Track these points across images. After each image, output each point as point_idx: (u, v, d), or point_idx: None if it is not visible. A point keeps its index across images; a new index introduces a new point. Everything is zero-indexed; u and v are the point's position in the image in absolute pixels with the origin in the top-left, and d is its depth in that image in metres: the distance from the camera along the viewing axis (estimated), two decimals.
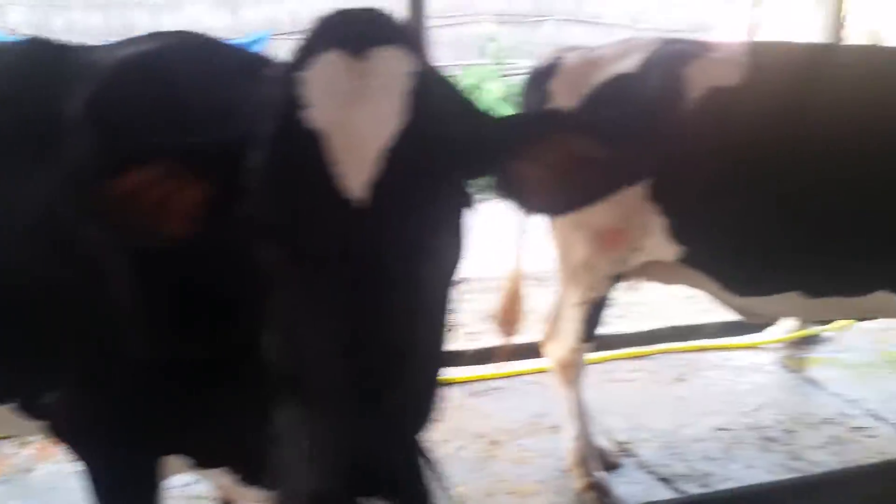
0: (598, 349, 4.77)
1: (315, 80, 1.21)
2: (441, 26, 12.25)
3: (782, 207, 2.71)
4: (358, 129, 1.17)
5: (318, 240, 1.16)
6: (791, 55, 3.06)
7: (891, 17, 16.19)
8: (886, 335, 5.03)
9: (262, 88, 1.28)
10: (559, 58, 3.16)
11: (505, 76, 11.18)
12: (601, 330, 5.11)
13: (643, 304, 6.20)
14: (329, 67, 1.21)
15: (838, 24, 4.77)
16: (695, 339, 5.12)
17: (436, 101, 1.26)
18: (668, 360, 4.83)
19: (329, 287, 1.14)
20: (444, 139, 1.23)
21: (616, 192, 1.42)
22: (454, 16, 12.60)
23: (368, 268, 1.13)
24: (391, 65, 1.23)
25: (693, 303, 4.94)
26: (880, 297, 2.77)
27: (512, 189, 1.41)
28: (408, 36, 1.33)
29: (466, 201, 1.30)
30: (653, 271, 3.23)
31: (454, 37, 12.49)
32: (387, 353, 1.13)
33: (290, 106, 1.19)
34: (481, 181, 1.36)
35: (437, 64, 1.37)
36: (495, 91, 10.77)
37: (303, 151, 1.17)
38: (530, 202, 1.43)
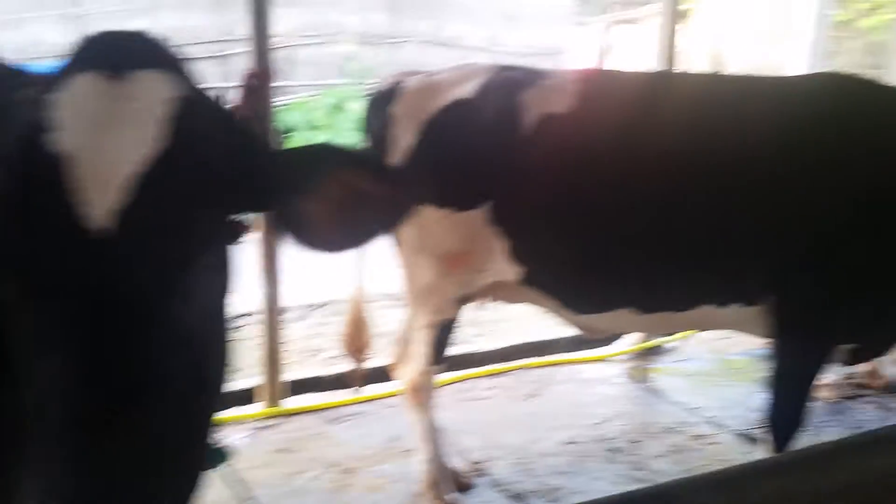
0: (455, 368, 4.84)
1: (65, 102, 1.13)
2: (300, 45, 12.15)
3: (611, 228, 2.83)
4: (105, 154, 1.10)
5: (53, 272, 1.07)
6: (622, 82, 3.20)
7: (731, 42, 17.32)
8: (725, 344, 5.31)
9: (15, 110, 1.19)
10: (399, 82, 3.18)
11: (366, 97, 11.15)
12: (460, 349, 5.22)
13: (503, 321, 6.34)
14: (82, 89, 1.14)
15: (672, 50, 5.04)
16: (549, 354, 5.25)
17: (200, 129, 1.19)
18: (524, 375, 4.93)
19: (64, 322, 1.05)
20: (205, 169, 1.17)
21: (394, 227, 1.41)
22: (313, 35, 12.52)
23: (108, 302, 1.05)
24: (150, 89, 1.16)
25: (550, 318, 5.08)
26: (706, 310, 2.93)
27: (290, 225, 1.36)
28: (173, 60, 1.27)
29: (233, 235, 1.25)
30: (498, 292, 3.28)
31: (313, 56, 12.41)
32: (123, 394, 1.05)
33: (35, 128, 1.11)
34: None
35: (209, 91, 1.32)
36: (356, 111, 10.75)
37: (42, 176, 1.08)
38: (309, 239, 1.39)
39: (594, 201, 2.84)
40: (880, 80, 2.90)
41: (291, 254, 1.51)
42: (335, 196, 1.34)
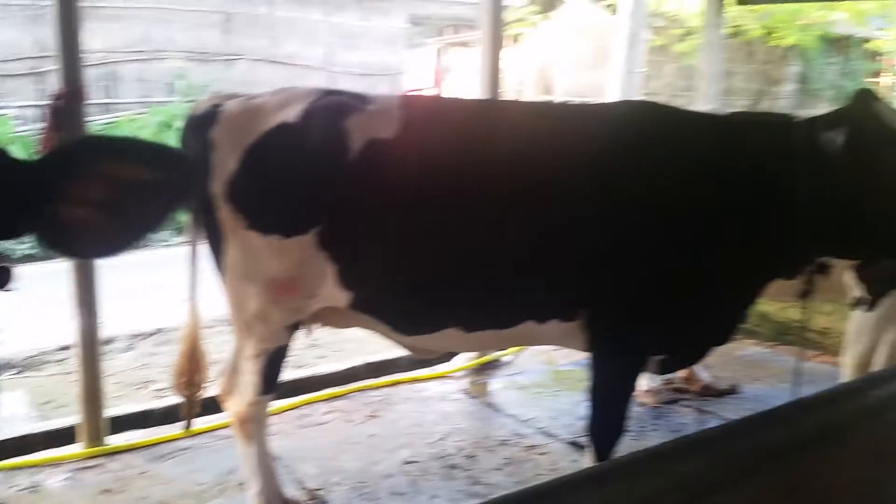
0: (293, 393, 4.75)
1: None
2: (126, 61, 11.62)
3: (433, 251, 2.88)
4: None
5: None
6: (446, 108, 3.27)
7: (558, 66, 18.09)
8: (556, 355, 5.51)
9: None
10: (217, 105, 3.09)
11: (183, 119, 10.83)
12: (298, 373, 5.13)
13: (344, 342, 6.30)
14: None
15: (496, 73, 5.21)
16: (389, 373, 5.26)
17: None
18: (363, 397, 4.90)
19: None
20: None
21: (166, 217, 1.34)
22: (140, 51, 12.01)
23: None
24: None
25: None
26: (528, 327, 3.03)
27: (55, 235, 1.28)
28: None
29: None
30: (329, 317, 3.25)
31: (142, 73, 11.91)
32: None
33: None
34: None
35: None
36: None
37: None
38: (78, 246, 1.32)
39: (416, 225, 2.88)
40: (683, 107, 3.12)
41: (115, 280, 1.43)
42: (98, 194, 1.25)
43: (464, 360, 5.29)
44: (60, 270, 3.81)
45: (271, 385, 3.28)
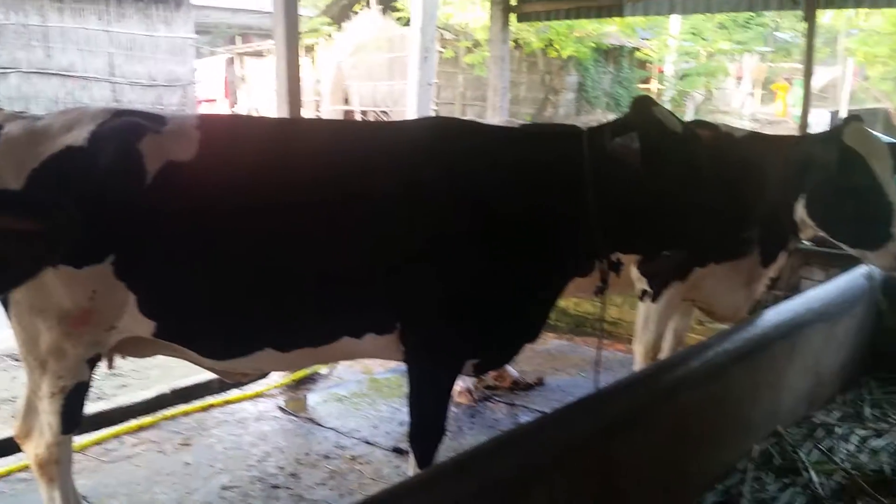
0: (97, 427, 4.46)
1: None
2: None
3: (237, 274, 2.81)
4: None
5: None
6: (244, 128, 3.20)
7: (355, 76, 18.20)
8: (372, 364, 5.57)
9: None
10: None
11: None
12: (100, 406, 4.81)
13: (147, 369, 5.98)
14: None
15: (295, 84, 5.19)
16: (199, 398, 5.07)
17: None
18: (174, 425, 4.69)
19: None
20: None
21: (42, 267, 1.27)
22: None
23: None
24: None
25: None
26: (345, 342, 3.03)
27: None
28: None
29: None
30: (132, 348, 3.10)
31: None
32: None
33: None
34: None
35: None
36: None
37: None
38: None
39: (217, 249, 2.80)
40: (479, 121, 3.27)
41: None
42: None
43: (278, 377, 5.21)
44: None
45: (73, 423, 3.06)
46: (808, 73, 5.71)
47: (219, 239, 2.79)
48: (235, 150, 2.91)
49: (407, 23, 18.54)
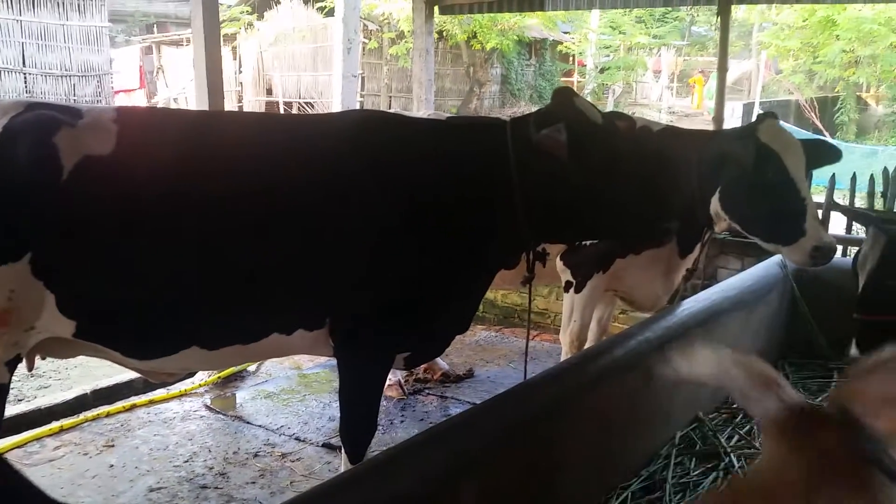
0: (16, 430, 4.32)
1: None
2: None
3: (161, 271, 2.74)
4: None
5: None
6: (165, 120, 3.13)
7: (278, 67, 17.98)
8: (301, 360, 5.54)
9: None
10: None
11: None
12: (18, 408, 4.65)
13: (69, 368, 5.81)
14: None
15: (218, 76, 5.09)
16: (123, 398, 4.95)
17: None
18: (97, 427, 4.57)
19: None
20: None
21: None
22: None
23: None
24: None
25: None
26: (275, 339, 3.00)
27: None
28: None
29: None
30: (52, 348, 3.00)
31: None
32: None
33: None
34: None
35: None
36: None
37: None
38: None
39: (139, 244, 2.73)
40: (404, 114, 3.28)
41: None
42: None
43: (205, 375, 5.12)
44: None
45: None
46: (722, 68, 5.90)
47: (139, 235, 2.72)
48: (155, 144, 2.84)
49: (330, 13, 18.39)
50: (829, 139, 17.90)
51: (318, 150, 2.96)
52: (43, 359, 3.13)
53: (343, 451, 3.22)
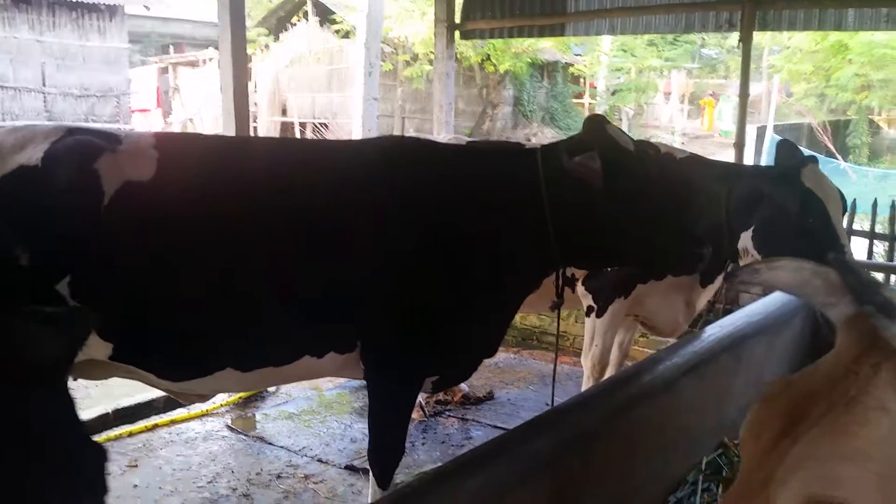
0: None
1: None
2: None
3: (200, 296, 2.77)
4: None
5: None
6: (202, 146, 3.17)
7: (295, 88, 18.09)
8: (320, 381, 5.53)
9: None
10: None
11: None
12: None
13: (88, 387, 5.82)
14: None
15: (244, 97, 5.16)
16: (144, 417, 4.97)
17: None
18: (119, 446, 4.58)
19: None
20: None
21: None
22: None
23: None
24: None
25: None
26: (306, 361, 3.03)
27: None
28: None
29: None
30: (85, 370, 3.03)
31: None
32: None
33: None
34: None
35: None
36: None
37: None
38: None
39: (177, 270, 2.77)
40: (433, 139, 3.32)
41: None
42: None
43: (225, 395, 5.14)
44: None
45: None
46: (744, 94, 5.92)
47: (179, 260, 2.75)
48: (194, 171, 2.89)
49: (345, 35, 18.56)
50: (842, 162, 17.95)
51: (353, 177, 2.99)
52: (74, 380, 3.16)
53: (371, 473, 3.23)
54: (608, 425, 3.09)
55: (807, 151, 3.89)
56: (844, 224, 5.41)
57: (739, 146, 5.78)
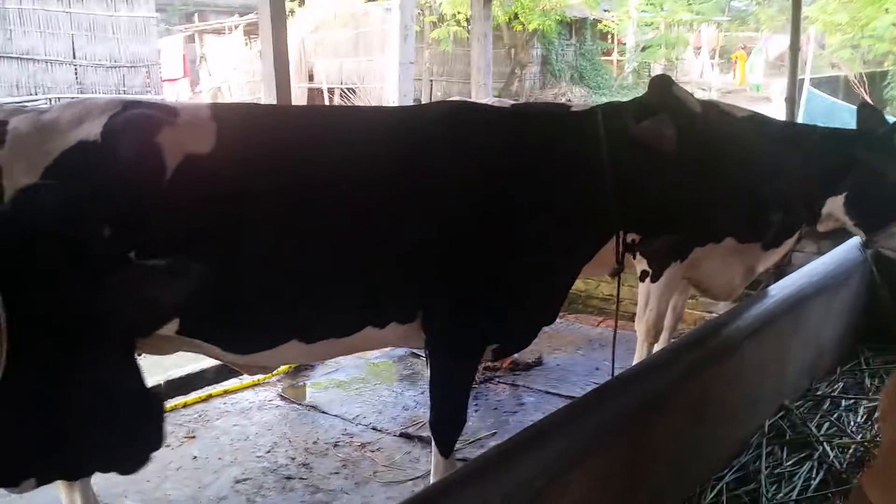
0: None
1: None
2: None
3: (265, 268, 2.75)
4: None
5: None
6: (259, 116, 3.14)
7: (324, 53, 17.97)
8: None
9: None
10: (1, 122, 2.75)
11: None
12: None
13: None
14: None
15: (285, 64, 5.09)
16: (197, 388, 5.01)
17: None
18: (175, 418, 4.62)
19: None
20: None
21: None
22: None
23: None
24: None
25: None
26: (368, 332, 3.02)
27: None
28: None
29: None
30: (151, 345, 3.04)
31: None
32: None
33: None
34: None
35: None
36: None
37: None
38: None
39: (242, 242, 2.75)
40: (490, 104, 3.26)
41: None
42: None
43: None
44: None
45: None
46: (794, 47, 5.76)
47: (243, 232, 2.74)
48: (254, 142, 2.86)
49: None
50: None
51: (414, 143, 2.95)
52: (139, 356, 3.17)
53: (433, 441, 3.24)
54: (674, 391, 3.07)
55: (844, 104, 3.81)
56: None
57: (791, 101, 5.63)
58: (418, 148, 2.95)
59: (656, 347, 4.38)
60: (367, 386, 5.08)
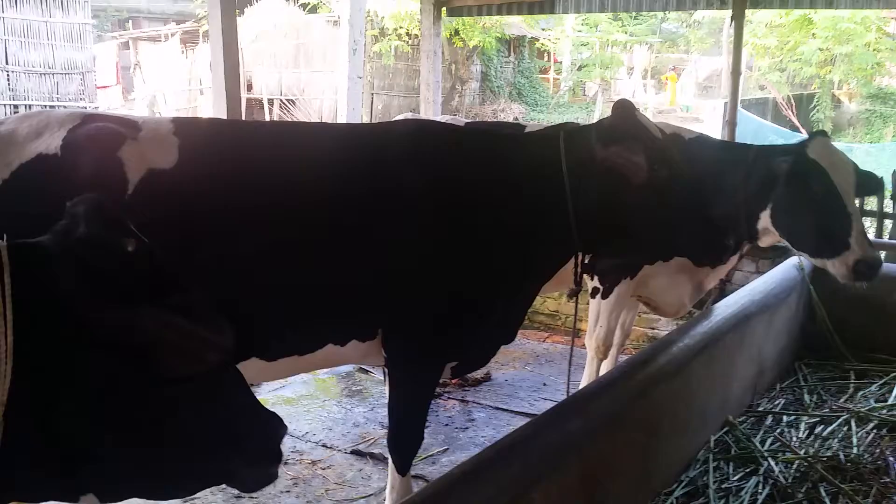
0: None
1: None
2: None
3: (224, 284, 2.71)
4: None
5: None
6: (222, 132, 3.10)
7: (260, 66, 17.79)
8: None
9: None
10: None
11: None
12: None
13: None
14: None
15: (235, 75, 5.05)
16: None
17: None
18: None
19: None
20: None
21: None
22: None
23: None
24: None
25: None
26: (330, 349, 3.00)
27: None
28: None
29: None
30: None
31: None
32: None
33: None
34: None
35: None
36: None
37: None
38: None
39: (202, 258, 2.71)
40: (454, 124, 3.29)
41: None
42: None
43: None
44: None
45: None
46: (736, 70, 5.95)
47: (202, 248, 2.70)
48: (216, 157, 2.82)
49: (312, 10, 18.28)
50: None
51: (374, 162, 2.95)
52: None
53: (389, 459, 3.23)
54: (629, 408, 3.13)
55: (771, 125, 3.97)
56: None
57: (732, 124, 5.82)
58: (380, 167, 2.95)
59: (605, 363, 4.47)
60: (316, 402, 5.03)
